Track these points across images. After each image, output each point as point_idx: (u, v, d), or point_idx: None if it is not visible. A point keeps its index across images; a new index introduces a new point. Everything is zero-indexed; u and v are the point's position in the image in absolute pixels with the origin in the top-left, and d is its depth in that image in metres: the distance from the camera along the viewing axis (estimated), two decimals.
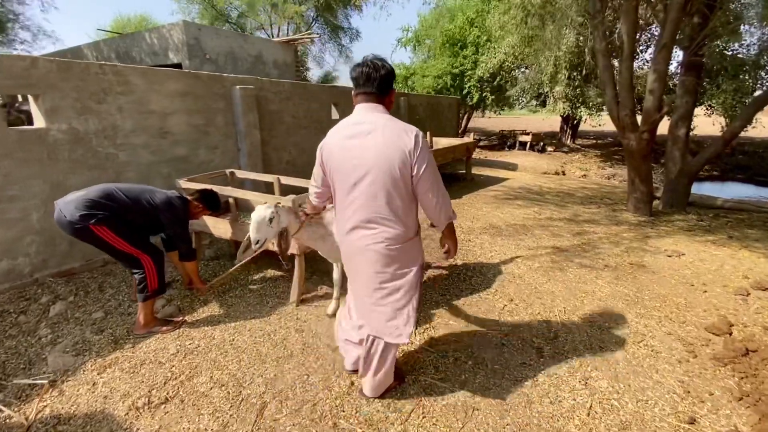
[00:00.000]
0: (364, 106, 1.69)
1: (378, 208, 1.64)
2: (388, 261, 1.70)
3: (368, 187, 1.62)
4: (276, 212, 2.24)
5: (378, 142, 1.59)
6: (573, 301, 3.01)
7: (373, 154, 1.59)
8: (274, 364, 2.28)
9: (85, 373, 2.19)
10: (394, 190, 1.62)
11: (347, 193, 1.69)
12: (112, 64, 3.32)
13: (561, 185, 7.72)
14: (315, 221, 2.44)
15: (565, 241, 4.26)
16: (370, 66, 1.67)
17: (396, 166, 1.58)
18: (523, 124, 23.64)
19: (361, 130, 1.63)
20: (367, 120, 1.65)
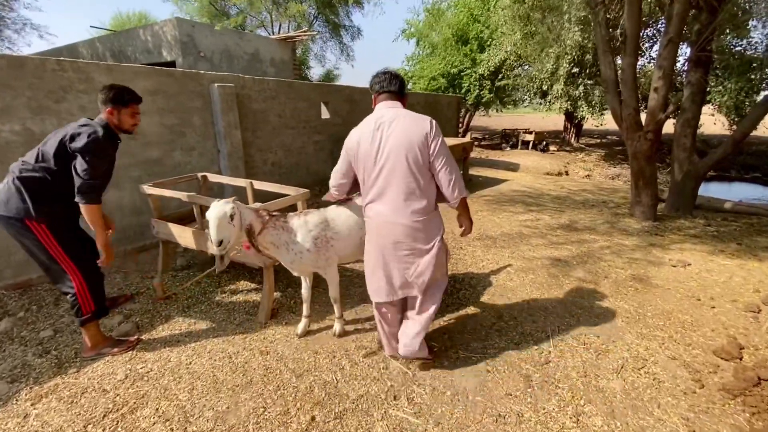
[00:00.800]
0: (386, 103, 1.98)
1: (403, 189, 1.90)
2: (415, 233, 1.95)
3: (394, 167, 1.88)
4: (236, 207, 2.05)
5: (400, 128, 1.87)
6: (568, 318, 2.75)
7: (396, 137, 1.86)
8: (229, 394, 2.04)
9: (17, 404, 1.96)
10: (415, 167, 1.87)
11: (375, 176, 1.93)
12: (72, 60, 3.10)
13: (561, 187, 7.44)
14: (280, 224, 2.21)
15: (563, 250, 4.00)
16: (392, 73, 2.03)
17: (416, 146, 1.85)
18: (526, 123, 23.30)
19: (384, 120, 1.91)
20: (389, 113, 1.93)
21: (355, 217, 2.35)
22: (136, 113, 2.26)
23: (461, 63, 13.38)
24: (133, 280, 3.31)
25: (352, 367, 2.24)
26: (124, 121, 2.21)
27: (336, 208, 2.40)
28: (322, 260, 2.28)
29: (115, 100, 2.15)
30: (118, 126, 2.20)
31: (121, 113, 2.18)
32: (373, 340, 2.48)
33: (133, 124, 2.26)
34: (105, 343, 2.34)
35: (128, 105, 2.19)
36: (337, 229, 2.30)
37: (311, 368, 2.23)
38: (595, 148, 16.27)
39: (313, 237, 2.21)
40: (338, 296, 2.46)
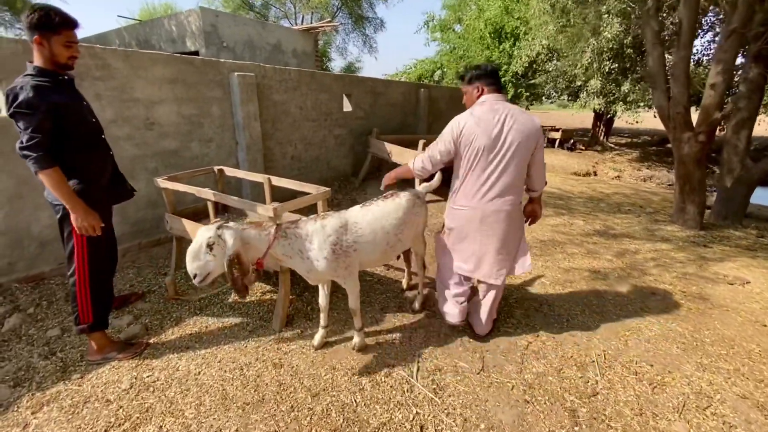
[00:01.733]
0: (496, 96, 2.14)
1: (512, 179, 2.10)
2: (512, 220, 2.20)
3: (513, 157, 2.06)
4: (218, 235, 1.78)
5: (521, 121, 2.04)
6: (614, 341, 2.46)
7: (518, 131, 2.03)
8: (238, 413, 1.86)
9: (18, 411, 1.83)
10: (524, 162, 2.11)
11: (486, 166, 2.09)
12: (89, 45, 2.95)
13: (593, 189, 7.02)
14: (291, 232, 1.99)
15: (603, 261, 3.66)
16: (497, 70, 2.25)
17: (531, 142, 2.08)
18: (552, 120, 22.48)
19: (504, 113, 2.05)
20: (505, 107, 2.08)
21: (382, 220, 2.18)
22: (72, 42, 1.82)
23: (498, 59, 12.89)
24: (146, 276, 3.19)
25: (373, 388, 2.02)
26: (58, 53, 1.78)
27: (360, 209, 2.20)
28: (342, 269, 2.06)
29: (40, 24, 1.72)
30: (54, 60, 1.79)
31: (51, 42, 1.76)
32: (397, 356, 2.25)
33: (70, 56, 1.83)
34: (112, 347, 2.20)
35: (58, 31, 1.76)
36: (359, 233, 2.10)
37: (328, 387, 2.03)
38: (626, 147, 15.53)
39: (331, 243, 2.00)
40: (358, 307, 2.24)
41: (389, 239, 2.20)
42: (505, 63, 12.73)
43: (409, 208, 2.29)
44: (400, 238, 2.26)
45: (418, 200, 2.38)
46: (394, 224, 2.20)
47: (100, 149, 2.07)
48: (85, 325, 2.08)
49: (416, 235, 2.49)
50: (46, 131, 1.73)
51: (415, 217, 2.35)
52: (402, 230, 2.24)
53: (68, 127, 1.84)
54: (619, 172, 11.66)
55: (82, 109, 1.96)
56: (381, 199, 2.30)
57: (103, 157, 2.09)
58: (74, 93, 1.93)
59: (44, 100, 1.72)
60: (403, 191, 2.37)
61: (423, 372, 2.14)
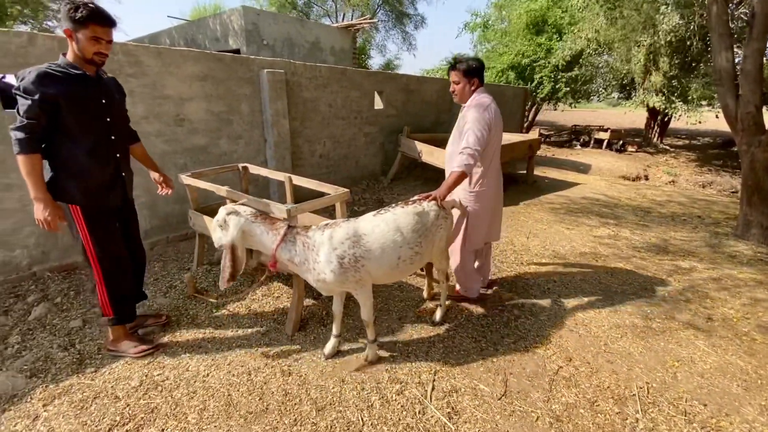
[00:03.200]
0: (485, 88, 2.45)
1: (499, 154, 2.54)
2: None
3: (500, 140, 2.49)
4: (224, 220, 1.82)
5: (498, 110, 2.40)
6: (661, 372, 2.16)
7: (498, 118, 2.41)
8: (240, 422, 1.78)
9: (30, 403, 1.86)
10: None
11: (496, 145, 2.46)
12: (123, 43, 3.02)
13: (643, 196, 6.44)
14: (301, 239, 1.88)
15: (650, 279, 3.28)
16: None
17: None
18: (600, 119, 21.18)
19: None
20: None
21: (394, 232, 1.96)
22: (99, 38, 1.77)
23: (534, 53, 12.26)
24: (170, 270, 3.23)
25: (382, 406, 1.88)
26: (84, 47, 1.77)
27: (373, 218, 2.01)
28: (351, 282, 1.92)
29: (69, 16, 1.71)
30: (81, 54, 1.79)
31: (79, 36, 1.75)
32: (411, 372, 2.10)
33: (96, 53, 1.79)
34: (128, 340, 2.20)
35: (86, 24, 1.73)
36: (368, 246, 1.90)
37: (335, 401, 1.91)
38: (683, 150, 14.30)
39: (338, 256, 1.85)
40: (371, 319, 2.10)
41: (402, 253, 1.97)
42: (542, 57, 12.08)
43: (431, 219, 2.09)
44: (418, 252, 2.04)
45: (442, 211, 2.17)
46: (409, 237, 1.98)
47: (101, 149, 1.95)
48: (106, 318, 2.12)
49: (439, 249, 2.25)
50: (37, 118, 1.72)
51: (437, 230, 2.14)
52: (420, 243, 2.03)
53: (66, 120, 1.80)
54: (674, 176, 10.71)
55: (93, 105, 1.89)
56: (400, 205, 2.09)
57: (104, 158, 1.97)
58: (90, 89, 1.86)
59: (41, 89, 1.70)
60: (428, 201, 2.16)
61: (438, 392, 1.98)
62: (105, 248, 2.00)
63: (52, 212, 1.82)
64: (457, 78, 2.40)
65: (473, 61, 2.39)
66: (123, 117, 2.12)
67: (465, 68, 2.37)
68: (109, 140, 1.98)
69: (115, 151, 2.03)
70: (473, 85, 2.39)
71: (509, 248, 3.84)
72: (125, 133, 2.17)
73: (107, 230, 2.02)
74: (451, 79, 2.44)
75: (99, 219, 1.98)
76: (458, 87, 2.42)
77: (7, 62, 2.61)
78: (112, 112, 1.99)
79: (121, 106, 2.11)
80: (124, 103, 2.13)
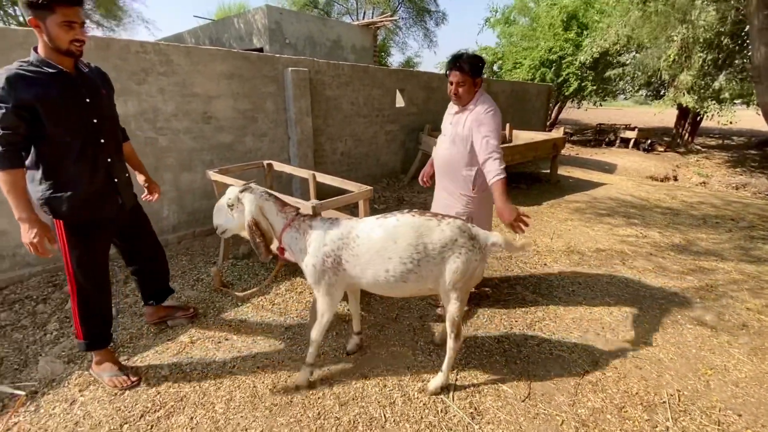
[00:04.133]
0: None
1: None
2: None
3: None
4: (238, 198, 1.78)
5: None
6: (692, 380, 2.09)
7: None
8: (265, 413, 1.82)
9: (67, 387, 1.95)
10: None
11: None
12: (154, 42, 3.12)
13: (673, 197, 6.22)
14: (304, 227, 1.81)
15: (680, 281, 3.18)
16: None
17: None
18: (626, 118, 20.53)
19: None
20: None
21: (389, 241, 1.70)
22: (71, 22, 1.52)
23: (561, 49, 11.97)
24: (196, 263, 3.33)
25: (404, 404, 1.89)
26: (56, 36, 1.52)
27: (375, 221, 1.80)
28: (324, 284, 1.80)
29: (32, 2, 1.45)
30: (54, 45, 1.55)
31: (47, 23, 1.50)
32: (433, 372, 2.09)
33: (72, 40, 1.55)
34: (110, 364, 2.00)
35: (52, 8, 1.47)
36: (357, 251, 1.73)
37: (357, 397, 1.93)
38: (715, 150, 13.72)
39: (323, 253, 1.75)
40: (318, 339, 1.91)
41: (391, 266, 1.69)
42: (570, 54, 11.76)
43: (442, 239, 1.69)
44: (413, 270, 1.69)
45: (468, 242, 1.72)
46: (401, 250, 1.68)
47: (89, 155, 1.72)
48: (77, 342, 1.93)
49: (450, 283, 1.74)
50: (14, 128, 1.52)
51: (452, 258, 1.70)
52: (416, 261, 1.68)
53: (46, 126, 1.59)
54: (705, 177, 10.29)
55: (76, 107, 1.66)
56: (410, 213, 1.79)
57: (93, 165, 1.75)
58: (70, 88, 1.64)
59: (13, 94, 1.49)
60: (457, 219, 1.79)
61: (460, 392, 1.97)
62: (82, 266, 1.81)
63: (39, 234, 1.61)
64: (461, 79, 2.21)
65: (477, 59, 2.22)
66: (112, 115, 1.87)
67: (471, 68, 2.20)
68: (97, 144, 1.74)
69: (106, 155, 1.79)
70: (477, 85, 2.26)
71: (532, 249, 3.78)
72: (117, 134, 1.92)
73: (88, 247, 1.82)
74: (454, 79, 2.23)
75: (82, 234, 1.78)
76: (463, 89, 2.23)
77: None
78: (99, 111, 1.75)
79: (109, 102, 1.85)
80: (112, 98, 1.88)
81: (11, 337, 2.29)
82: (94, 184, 1.76)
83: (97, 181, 1.77)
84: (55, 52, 1.58)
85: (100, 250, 1.90)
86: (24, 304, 2.62)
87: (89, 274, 1.84)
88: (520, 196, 5.76)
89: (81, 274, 1.82)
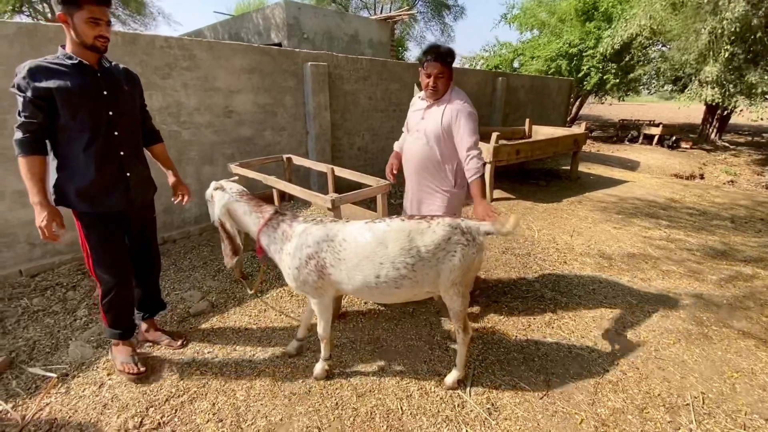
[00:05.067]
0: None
1: None
2: None
3: None
4: (211, 195, 1.83)
5: None
6: (717, 383, 2.03)
7: None
8: (285, 402, 1.86)
9: (96, 371, 2.04)
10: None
11: None
12: (178, 38, 3.17)
13: (700, 197, 6.02)
14: (283, 227, 1.75)
15: (709, 285, 3.08)
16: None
17: None
18: (650, 113, 19.93)
19: None
20: None
21: (379, 247, 1.63)
22: (97, 19, 1.60)
23: (582, 42, 11.67)
24: (218, 255, 3.40)
25: (421, 397, 1.90)
26: (82, 32, 1.60)
27: (364, 225, 1.72)
28: (310, 288, 1.75)
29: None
30: (80, 41, 1.62)
31: (74, 19, 1.58)
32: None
33: (96, 36, 1.62)
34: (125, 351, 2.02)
35: (80, 5, 1.56)
36: (343, 255, 1.66)
37: (375, 388, 1.95)
38: (744, 147, 13.19)
39: (306, 255, 1.68)
40: (327, 336, 1.92)
41: (383, 272, 1.64)
42: (590, 47, 11.45)
43: (434, 241, 1.64)
44: (407, 276, 1.64)
45: (462, 237, 1.67)
46: (394, 256, 1.62)
47: (100, 146, 1.74)
48: (106, 328, 2.00)
49: (449, 282, 1.71)
50: (33, 116, 1.61)
51: (447, 257, 1.65)
52: (410, 266, 1.63)
53: (62, 115, 1.64)
54: (733, 176, 9.92)
55: (91, 97, 1.69)
56: (400, 218, 1.73)
57: (102, 156, 1.75)
58: (88, 79, 1.68)
59: (32, 83, 1.58)
60: (445, 217, 1.74)
61: (477, 388, 1.97)
62: (101, 257, 1.85)
63: (48, 218, 1.64)
64: (442, 71, 2.14)
65: (453, 51, 2.17)
66: (132, 111, 1.89)
67: (451, 60, 2.15)
68: (110, 136, 1.76)
69: (119, 148, 1.80)
70: (451, 78, 2.22)
71: (551, 246, 3.73)
72: (135, 129, 1.93)
73: (103, 238, 1.83)
74: (434, 71, 2.13)
75: (95, 225, 1.81)
76: (442, 81, 2.16)
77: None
78: (116, 105, 1.77)
79: (131, 98, 1.87)
80: (136, 96, 1.92)
81: (43, 322, 2.40)
82: (102, 175, 1.76)
83: (106, 172, 1.78)
84: (80, 47, 1.65)
85: (118, 242, 1.91)
86: (55, 290, 2.73)
87: (108, 265, 1.87)
88: (539, 192, 5.67)
89: (100, 265, 1.86)
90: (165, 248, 3.46)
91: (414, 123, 2.36)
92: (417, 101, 2.39)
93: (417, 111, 2.36)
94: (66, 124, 1.66)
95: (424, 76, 2.18)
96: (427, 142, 2.27)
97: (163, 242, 3.52)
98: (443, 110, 2.20)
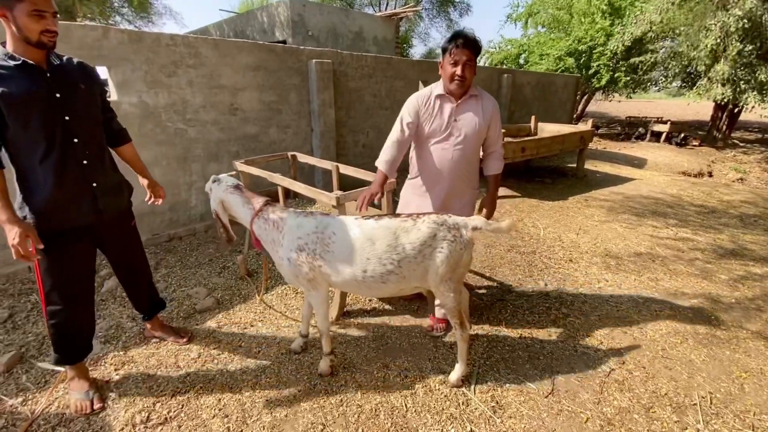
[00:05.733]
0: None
1: None
2: None
3: None
4: (210, 188, 1.88)
5: None
6: (725, 382, 2.01)
7: None
8: (290, 398, 1.87)
9: (103, 366, 2.06)
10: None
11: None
12: (184, 35, 3.18)
13: (709, 195, 5.95)
14: (275, 217, 1.77)
15: (720, 285, 3.04)
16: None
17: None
18: (658, 110, 19.71)
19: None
20: None
21: (367, 243, 1.68)
22: (41, 11, 1.40)
23: (592, 39, 11.54)
24: (223, 252, 3.42)
25: (425, 395, 1.90)
26: (25, 27, 1.40)
27: (354, 221, 1.76)
28: (303, 280, 1.77)
29: None
30: (23, 37, 1.42)
31: (15, 12, 1.38)
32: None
33: (42, 31, 1.42)
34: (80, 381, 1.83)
35: None
36: (332, 248, 1.70)
37: (379, 386, 1.95)
38: (754, 144, 13.00)
39: (297, 246, 1.72)
40: (326, 328, 1.94)
41: (369, 267, 1.68)
42: (601, 44, 11.32)
43: (419, 238, 1.67)
44: (394, 272, 1.68)
45: (448, 234, 1.69)
46: (380, 252, 1.67)
47: (58, 157, 1.55)
48: (54, 355, 1.79)
49: (438, 278, 1.73)
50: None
51: (434, 254, 1.69)
52: (396, 262, 1.67)
53: (9, 123, 1.45)
54: (742, 173, 9.79)
55: (42, 103, 1.49)
56: (389, 216, 1.77)
57: (61, 167, 1.57)
58: (36, 82, 1.48)
59: None
60: (431, 215, 1.75)
61: (482, 386, 1.96)
62: (53, 280, 1.65)
63: (21, 235, 1.44)
64: (471, 58, 1.91)
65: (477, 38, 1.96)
66: (91, 112, 1.68)
67: (480, 48, 1.95)
68: (68, 144, 1.57)
69: (80, 156, 1.61)
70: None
71: (557, 244, 3.71)
72: (97, 132, 1.72)
73: (58, 259, 1.64)
74: (464, 58, 1.89)
75: (52, 245, 1.58)
76: (470, 69, 1.93)
77: (83, 54, 2.82)
78: (72, 108, 1.57)
79: (89, 98, 1.66)
80: (95, 94, 1.70)
81: None
82: (63, 188, 1.58)
83: (67, 184, 1.59)
84: (24, 44, 1.45)
85: (77, 263, 1.70)
86: None
87: (58, 288, 1.67)
88: (544, 190, 5.64)
89: (49, 286, 1.65)
90: (171, 245, 3.49)
91: (439, 128, 2.05)
92: (432, 103, 2.05)
93: (438, 114, 2.04)
94: (16, 135, 1.47)
95: (449, 65, 1.93)
96: (468, 147, 2.06)
97: (169, 239, 3.55)
98: (481, 105, 2.03)
